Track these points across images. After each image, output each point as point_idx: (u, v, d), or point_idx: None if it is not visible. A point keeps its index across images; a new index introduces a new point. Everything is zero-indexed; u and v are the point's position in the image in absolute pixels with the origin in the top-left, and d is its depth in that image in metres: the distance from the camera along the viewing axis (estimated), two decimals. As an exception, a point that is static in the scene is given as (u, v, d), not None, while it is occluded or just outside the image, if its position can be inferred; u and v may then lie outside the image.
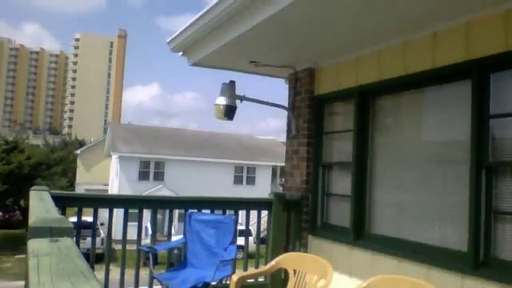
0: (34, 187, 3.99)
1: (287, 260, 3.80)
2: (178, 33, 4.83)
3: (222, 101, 4.80)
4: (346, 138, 4.66)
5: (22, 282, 1.36)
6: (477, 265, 3.14)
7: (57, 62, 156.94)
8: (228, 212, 4.90)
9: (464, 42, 3.38)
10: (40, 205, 2.87)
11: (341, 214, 4.73)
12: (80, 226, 4.37)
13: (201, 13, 4.22)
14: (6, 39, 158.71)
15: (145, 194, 24.62)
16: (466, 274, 3.19)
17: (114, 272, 4.42)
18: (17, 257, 23.60)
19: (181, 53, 5.22)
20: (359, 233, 4.37)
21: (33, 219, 2.03)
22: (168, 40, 5.08)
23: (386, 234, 4.14)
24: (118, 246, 4.67)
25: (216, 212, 4.91)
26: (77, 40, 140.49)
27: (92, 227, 4.48)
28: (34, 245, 1.59)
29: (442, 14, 3.38)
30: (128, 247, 4.47)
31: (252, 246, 5.09)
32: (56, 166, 37.92)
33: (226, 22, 4.06)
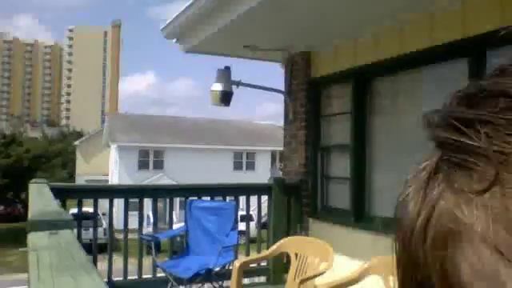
0: (33, 180, 3.99)
1: (289, 244, 3.82)
2: (171, 19, 4.78)
3: (217, 87, 4.77)
4: (344, 121, 4.65)
5: (26, 275, 1.35)
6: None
7: (51, 53, 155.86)
8: (228, 198, 4.90)
9: (460, 19, 3.35)
10: (39, 198, 2.86)
11: (341, 196, 4.74)
12: (81, 217, 4.38)
13: (193, -1, 4.17)
14: (0, 32, 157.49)
15: (145, 183, 24.68)
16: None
17: (117, 261, 4.44)
18: (20, 249, 23.73)
19: (175, 40, 5.17)
20: (359, 214, 4.38)
21: (31, 213, 2.03)
22: (161, 27, 5.03)
23: (386, 215, 4.15)
24: (121, 236, 4.69)
25: (216, 199, 4.91)
26: (71, 31, 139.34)
27: (93, 218, 4.49)
28: (34, 239, 1.59)
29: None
30: (130, 236, 4.48)
31: (253, 231, 5.11)
32: (55, 158, 37.91)
33: (219, 7, 4.01)
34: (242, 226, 5.27)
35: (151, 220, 5.21)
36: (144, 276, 4.51)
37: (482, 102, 0.26)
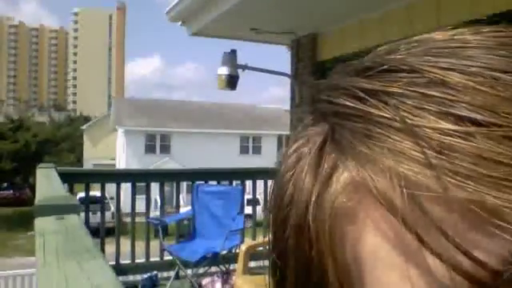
0: (41, 165, 4.01)
1: (295, 228, 3.82)
2: (175, 2, 4.73)
3: (223, 71, 4.74)
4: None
5: (34, 258, 1.36)
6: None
7: (57, 37, 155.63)
8: (235, 182, 4.91)
9: (468, 1, 3.28)
10: (46, 183, 2.87)
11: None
12: (88, 201, 4.40)
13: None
14: (5, 17, 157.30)
15: (151, 167, 24.80)
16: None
17: (125, 244, 4.48)
18: (29, 233, 24.04)
19: (180, 22, 5.13)
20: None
21: (39, 197, 2.03)
22: (166, 10, 4.98)
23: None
24: (128, 219, 4.72)
25: (223, 183, 4.92)
26: (75, 14, 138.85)
27: (101, 202, 4.52)
28: (40, 223, 1.59)
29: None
30: (137, 220, 4.51)
31: (260, 215, 5.12)
32: (63, 142, 38.15)
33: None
34: (248, 210, 5.28)
35: (158, 203, 5.24)
36: (151, 259, 4.55)
37: (381, 75, 0.26)
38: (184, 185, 6.60)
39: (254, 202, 4.93)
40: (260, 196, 6.02)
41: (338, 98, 0.26)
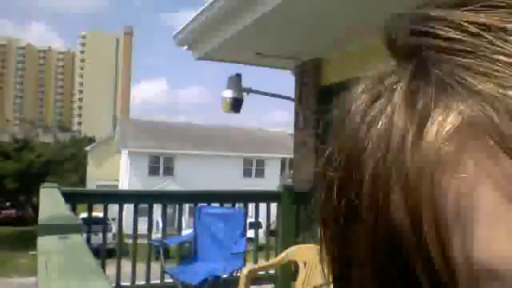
0: (44, 185, 4.02)
1: (297, 252, 3.80)
2: (182, 27, 4.82)
3: (228, 94, 4.79)
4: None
5: (35, 279, 1.36)
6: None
7: (64, 59, 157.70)
8: (237, 205, 4.90)
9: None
10: (49, 202, 2.88)
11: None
12: (90, 221, 4.40)
13: (205, 5, 4.20)
14: (14, 39, 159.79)
15: (155, 188, 24.75)
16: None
17: (126, 266, 4.45)
18: (30, 253, 23.90)
19: (186, 47, 5.21)
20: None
21: (42, 217, 2.04)
22: (173, 34, 5.07)
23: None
24: (130, 241, 4.70)
25: (225, 205, 4.91)
26: (83, 37, 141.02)
27: (103, 223, 4.51)
28: (43, 242, 1.59)
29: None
30: (139, 241, 4.49)
31: (262, 239, 5.10)
32: (66, 163, 38.24)
33: (230, 14, 4.03)
34: (250, 233, 5.26)
35: (160, 225, 5.22)
36: (152, 281, 4.51)
37: (489, 10, 0.22)
38: (186, 207, 6.59)
39: (256, 225, 4.91)
40: (262, 219, 6.00)
41: (441, 30, 0.23)
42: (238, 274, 4.10)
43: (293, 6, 3.49)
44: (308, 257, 3.67)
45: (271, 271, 4.84)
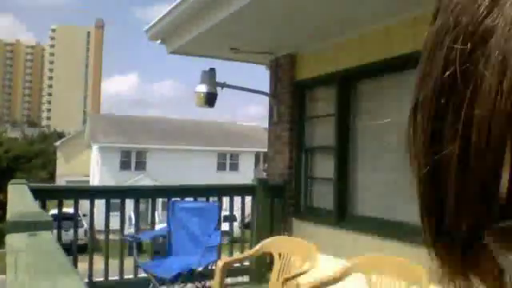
0: (12, 181, 3.92)
1: (272, 244, 3.82)
2: (155, 21, 4.75)
3: (202, 88, 4.76)
4: (328, 123, 4.67)
5: (3, 276, 1.33)
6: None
7: (33, 53, 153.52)
8: (211, 199, 4.89)
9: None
10: (18, 199, 2.81)
11: (324, 196, 4.76)
12: (60, 218, 4.31)
13: (178, 0, 4.15)
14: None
15: (127, 184, 24.44)
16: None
17: (99, 262, 4.39)
18: (-1, 251, 23.30)
19: (159, 41, 5.14)
20: (342, 214, 4.41)
21: (10, 214, 1.99)
22: (145, 28, 4.99)
23: (368, 214, 4.18)
24: (102, 237, 4.64)
25: (199, 199, 4.90)
26: (53, 31, 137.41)
27: (73, 219, 4.43)
28: (12, 240, 1.55)
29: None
30: (111, 237, 4.44)
31: (237, 232, 5.11)
32: (35, 158, 37.36)
33: (204, 8, 4.00)
34: (225, 227, 5.26)
35: (133, 221, 5.16)
36: (125, 276, 4.46)
37: None
38: (159, 202, 6.53)
39: (230, 219, 4.91)
40: (237, 213, 6.01)
41: None
42: (213, 267, 4.10)
43: (267, 2, 3.48)
44: (283, 248, 3.69)
45: (246, 263, 4.86)
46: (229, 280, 4.02)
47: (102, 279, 4.39)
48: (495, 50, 0.21)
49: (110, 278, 4.42)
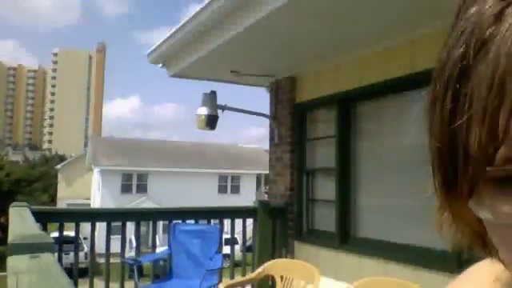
0: (14, 204, 3.91)
1: (274, 267, 3.79)
2: (157, 45, 4.82)
3: (203, 111, 4.79)
4: (329, 144, 4.68)
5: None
6: (460, 264, 3.17)
7: (35, 77, 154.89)
8: (213, 221, 4.87)
9: (438, 47, 3.43)
10: (20, 221, 2.81)
11: (326, 219, 4.73)
12: (61, 241, 4.29)
13: (179, 24, 4.22)
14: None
15: (128, 206, 24.36)
16: (454, 273, 3.21)
17: (99, 286, 4.35)
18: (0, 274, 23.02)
19: (160, 65, 5.20)
20: (345, 237, 4.38)
21: (12, 236, 1.98)
22: (147, 52, 5.06)
23: (372, 237, 4.16)
24: (102, 260, 4.60)
25: (200, 222, 4.87)
26: (55, 55, 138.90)
27: (74, 242, 4.41)
28: (14, 262, 1.55)
29: (418, 20, 3.44)
30: (112, 260, 4.40)
31: (238, 255, 5.06)
32: (37, 181, 37.30)
33: (204, 33, 4.06)
34: (226, 250, 5.22)
35: (133, 244, 5.13)
36: (126, 301, 4.41)
37: None
38: (160, 225, 6.50)
39: (232, 242, 4.88)
40: (238, 235, 5.97)
41: None
42: (214, 292, 4.05)
43: (266, 26, 3.54)
44: (285, 271, 3.66)
45: (248, 287, 4.81)
46: (230, 304, 3.97)
47: (102, 303, 4.33)
48: (492, 51, 0.29)
49: (110, 302, 4.37)
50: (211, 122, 4.82)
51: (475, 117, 0.29)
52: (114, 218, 4.68)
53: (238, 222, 4.97)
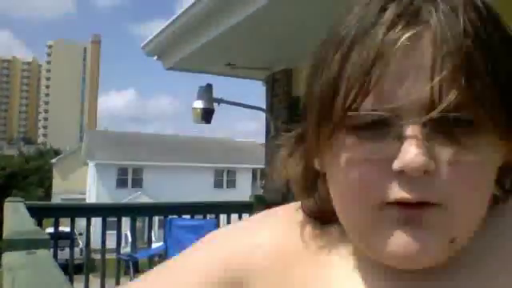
0: (9, 199, 3.89)
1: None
2: (152, 37, 4.78)
3: (199, 104, 4.77)
4: (325, 138, 4.67)
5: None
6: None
7: (30, 69, 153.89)
8: (209, 216, 4.86)
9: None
10: (15, 217, 2.79)
11: (322, 213, 4.74)
12: (57, 236, 4.27)
13: (175, 16, 4.19)
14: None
15: (123, 201, 24.33)
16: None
17: (94, 282, 4.34)
18: (-7, 270, 22.94)
19: (155, 57, 5.17)
20: (341, 232, 4.39)
21: (7, 232, 1.97)
22: (142, 44, 5.03)
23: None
24: (98, 256, 4.59)
25: (196, 217, 4.87)
26: (49, 47, 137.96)
27: (69, 237, 4.39)
28: (9, 258, 1.54)
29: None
30: (108, 256, 4.39)
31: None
32: (31, 176, 37.19)
33: (200, 25, 4.03)
34: (222, 245, 5.22)
35: (129, 239, 5.12)
36: (122, 296, 4.40)
37: None
38: (156, 220, 6.49)
39: (228, 237, 4.88)
40: (234, 230, 5.96)
41: None
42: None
43: (262, 17, 3.52)
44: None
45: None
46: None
47: (98, 298, 4.33)
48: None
49: (106, 298, 4.36)
50: (207, 115, 4.81)
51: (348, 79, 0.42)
52: (110, 212, 4.67)
53: (234, 217, 4.97)
